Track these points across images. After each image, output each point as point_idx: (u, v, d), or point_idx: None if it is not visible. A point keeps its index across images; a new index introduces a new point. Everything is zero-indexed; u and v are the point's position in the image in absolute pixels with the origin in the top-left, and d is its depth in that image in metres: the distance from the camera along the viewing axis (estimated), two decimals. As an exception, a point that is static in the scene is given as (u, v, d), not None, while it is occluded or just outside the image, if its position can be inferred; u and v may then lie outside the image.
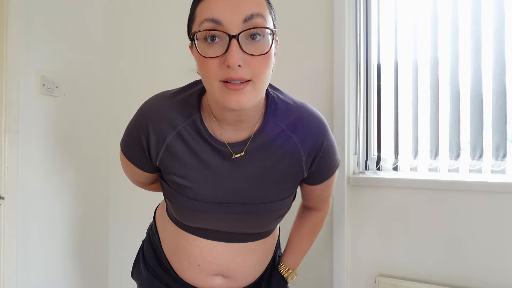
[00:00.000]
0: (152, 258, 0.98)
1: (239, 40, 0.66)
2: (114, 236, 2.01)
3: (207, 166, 0.81)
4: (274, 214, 0.86)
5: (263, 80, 0.71)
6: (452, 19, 1.38)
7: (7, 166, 1.56)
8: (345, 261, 1.47)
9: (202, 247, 0.88)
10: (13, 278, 1.58)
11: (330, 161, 0.87)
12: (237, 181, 0.82)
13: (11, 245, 1.57)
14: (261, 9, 0.68)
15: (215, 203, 0.82)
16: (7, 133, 1.56)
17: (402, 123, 1.48)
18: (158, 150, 0.82)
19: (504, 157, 1.29)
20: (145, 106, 0.85)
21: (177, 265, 0.92)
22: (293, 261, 1.03)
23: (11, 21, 1.57)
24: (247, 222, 0.85)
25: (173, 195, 0.85)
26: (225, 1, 0.67)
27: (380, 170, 1.52)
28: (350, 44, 1.50)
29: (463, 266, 1.29)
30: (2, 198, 1.56)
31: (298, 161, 0.83)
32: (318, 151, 0.83)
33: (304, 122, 0.81)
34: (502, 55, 1.29)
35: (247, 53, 0.67)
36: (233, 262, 0.89)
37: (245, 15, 0.66)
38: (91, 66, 1.93)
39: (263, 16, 0.68)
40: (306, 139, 0.81)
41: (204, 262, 0.88)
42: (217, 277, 0.90)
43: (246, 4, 0.67)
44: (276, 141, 0.80)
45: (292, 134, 0.81)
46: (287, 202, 0.88)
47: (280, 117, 0.81)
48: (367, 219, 1.45)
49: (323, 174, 0.88)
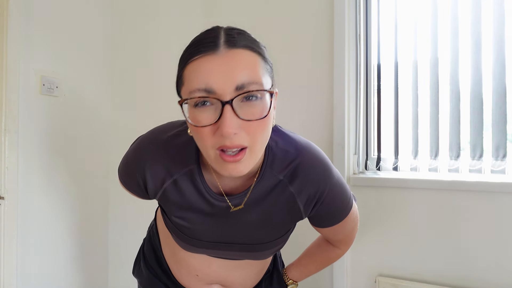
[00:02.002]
0: (152, 258, 0.99)
1: (233, 105, 0.60)
2: (114, 236, 2.01)
3: (205, 214, 0.79)
4: (272, 249, 0.86)
5: (261, 144, 0.66)
6: (452, 19, 1.38)
7: (7, 166, 1.56)
8: (345, 261, 1.47)
9: (202, 260, 0.89)
10: (13, 278, 1.58)
11: (334, 208, 0.81)
12: (235, 227, 0.80)
13: (11, 245, 1.57)
14: (255, 74, 0.62)
15: (214, 243, 0.83)
16: (7, 133, 1.56)
17: (402, 123, 1.48)
18: (156, 192, 0.80)
19: (504, 157, 1.29)
20: (141, 149, 0.79)
21: (176, 272, 0.94)
22: (297, 276, 1.03)
23: (11, 21, 1.57)
24: (245, 256, 0.86)
25: (172, 228, 0.83)
26: (215, 68, 0.61)
27: (380, 170, 1.52)
28: (350, 44, 1.50)
29: (463, 266, 1.29)
30: (2, 198, 1.56)
31: (295, 209, 0.79)
32: (319, 198, 0.78)
33: (304, 170, 0.76)
34: (502, 55, 1.29)
35: (243, 119, 0.62)
36: (231, 275, 0.91)
37: (238, 83, 0.61)
38: (91, 66, 1.93)
39: (257, 83, 0.62)
40: (304, 189, 0.76)
41: (202, 274, 0.90)
42: (215, 285, 0.92)
43: (238, 72, 0.61)
44: (273, 191, 0.77)
45: (289, 184, 0.76)
46: (286, 237, 0.86)
47: (277, 167, 0.76)
48: (367, 219, 1.45)
49: (328, 219, 0.84)
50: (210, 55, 0.62)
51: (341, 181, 0.81)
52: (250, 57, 0.63)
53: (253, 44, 0.66)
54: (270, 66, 0.68)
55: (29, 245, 1.65)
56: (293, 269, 1.03)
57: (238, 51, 0.63)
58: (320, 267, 1.02)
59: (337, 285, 1.47)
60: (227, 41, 0.63)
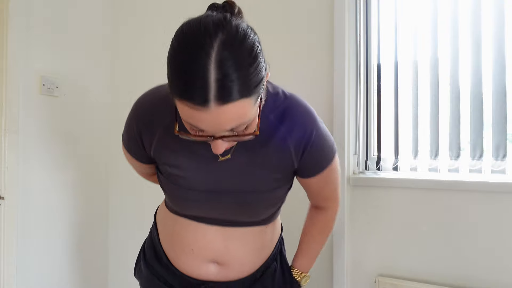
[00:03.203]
0: (151, 256, 0.99)
1: (229, 139, 0.67)
2: (114, 236, 2.01)
3: (197, 157, 0.82)
4: (265, 203, 0.87)
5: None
6: (452, 19, 1.38)
7: (7, 166, 1.56)
8: (345, 261, 1.47)
9: (196, 231, 0.88)
10: (13, 278, 1.58)
11: (321, 153, 0.85)
12: (227, 171, 0.83)
13: (11, 245, 1.57)
14: (246, 119, 0.64)
15: (207, 192, 0.84)
16: (7, 133, 1.56)
17: (402, 123, 1.48)
18: (151, 142, 0.85)
19: (504, 157, 1.29)
20: (137, 102, 0.87)
21: (172, 253, 0.93)
22: (305, 264, 1.02)
23: (11, 21, 1.57)
24: (238, 210, 0.86)
25: (167, 186, 0.88)
26: (205, 121, 0.61)
27: (380, 170, 1.52)
28: (350, 44, 1.50)
29: (463, 266, 1.29)
30: (2, 198, 1.56)
31: (287, 152, 0.82)
32: (307, 143, 0.82)
33: (292, 113, 0.81)
34: (502, 55, 1.29)
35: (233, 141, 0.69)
36: (227, 247, 0.88)
37: (226, 129, 0.63)
38: (91, 66, 1.93)
39: (247, 122, 0.65)
40: (294, 130, 0.81)
41: (198, 247, 0.89)
42: (211, 264, 0.90)
43: (228, 124, 0.62)
44: (265, 131, 0.79)
45: (280, 125, 0.80)
46: (278, 193, 0.88)
47: (269, 108, 0.80)
48: (367, 219, 1.45)
49: (315, 166, 0.87)
50: (199, 110, 0.59)
51: (325, 127, 0.86)
52: (242, 107, 0.61)
53: (247, 85, 0.61)
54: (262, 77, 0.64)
55: (29, 245, 1.65)
56: (298, 259, 1.02)
57: (231, 106, 0.59)
58: (320, 241, 1.02)
59: (337, 285, 1.47)
60: (218, 96, 0.58)
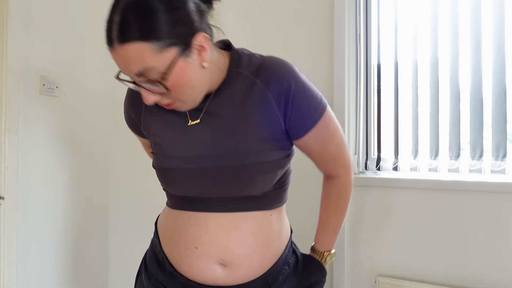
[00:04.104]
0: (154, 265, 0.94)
1: (143, 85, 0.72)
2: (114, 236, 2.01)
3: (171, 123, 0.85)
4: (255, 168, 0.81)
5: (188, 93, 0.75)
6: (452, 19, 1.38)
7: (7, 166, 1.56)
8: (345, 261, 1.47)
9: (198, 225, 0.84)
10: (13, 278, 1.58)
11: (307, 106, 0.82)
12: (210, 134, 0.81)
13: (11, 245, 1.57)
14: (147, 64, 0.68)
15: (191, 158, 0.82)
16: (7, 133, 1.56)
17: (402, 123, 1.48)
18: (139, 118, 0.91)
19: (504, 157, 1.29)
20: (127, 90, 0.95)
21: (176, 257, 0.88)
22: (323, 241, 0.97)
23: (11, 21, 1.57)
24: (228, 180, 0.82)
25: (155, 158, 0.88)
26: (117, 61, 0.71)
27: (380, 170, 1.52)
28: (350, 44, 1.50)
29: (463, 266, 1.29)
30: (2, 198, 1.56)
31: (269, 106, 0.80)
32: (287, 93, 0.79)
33: (267, 66, 0.80)
34: (502, 55, 1.29)
35: (155, 92, 0.73)
36: (232, 241, 0.83)
37: (136, 73, 0.70)
38: (91, 66, 1.93)
39: (152, 68, 0.69)
40: (270, 81, 0.79)
41: (201, 243, 0.84)
42: (218, 265, 0.85)
43: (132, 66, 0.69)
44: (241, 88, 0.79)
45: (255, 79, 0.80)
46: (269, 157, 0.82)
47: (243, 66, 0.81)
48: (367, 219, 1.45)
49: (303, 122, 0.83)
50: (111, 51, 0.71)
51: (309, 82, 0.84)
52: (142, 49, 0.67)
53: (148, 29, 0.67)
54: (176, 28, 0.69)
55: (29, 245, 1.65)
56: (317, 238, 0.98)
57: (128, 46, 0.68)
58: (336, 213, 0.97)
59: (337, 285, 1.47)
60: (118, 35, 0.68)
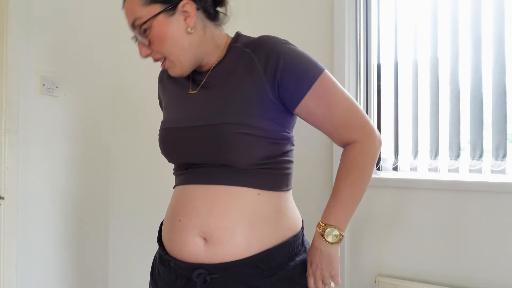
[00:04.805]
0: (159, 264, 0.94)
1: (139, 38, 0.87)
2: (114, 236, 2.01)
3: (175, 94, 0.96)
4: (233, 128, 0.81)
5: (175, 53, 0.85)
6: (452, 19, 1.38)
7: (7, 166, 1.56)
8: (345, 261, 1.47)
9: (183, 197, 0.88)
10: (13, 278, 1.58)
11: (298, 69, 0.81)
12: (201, 101, 0.89)
13: (11, 245, 1.57)
14: (135, 14, 0.84)
15: (180, 120, 0.90)
16: (7, 133, 1.56)
17: (402, 123, 1.48)
18: (160, 93, 1.06)
19: (504, 157, 1.29)
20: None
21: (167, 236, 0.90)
22: (328, 212, 0.86)
23: (11, 21, 1.57)
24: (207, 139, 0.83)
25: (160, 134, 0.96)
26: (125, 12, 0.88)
27: (380, 170, 1.52)
28: (350, 44, 1.50)
29: (463, 266, 1.29)
30: (2, 198, 1.56)
31: (255, 71, 0.83)
32: (275, 60, 0.81)
33: (259, 39, 0.88)
34: (502, 55, 1.29)
35: (147, 44, 0.86)
36: (211, 213, 0.82)
37: (130, 23, 0.86)
38: (91, 66, 1.93)
39: (139, 18, 0.84)
40: (259, 49, 0.85)
41: (184, 215, 0.85)
42: (199, 238, 0.83)
43: (129, 16, 0.86)
44: (233, 59, 0.88)
45: (245, 48, 0.87)
46: (253, 122, 0.81)
47: (239, 42, 0.90)
48: (367, 219, 1.45)
49: (297, 85, 0.82)
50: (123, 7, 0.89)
51: (300, 50, 0.86)
52: (133, 2, 0.84)
53: None
54: None
55: (29, 245, 1.65)
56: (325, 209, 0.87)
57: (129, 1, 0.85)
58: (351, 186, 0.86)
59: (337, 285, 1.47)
60: None
